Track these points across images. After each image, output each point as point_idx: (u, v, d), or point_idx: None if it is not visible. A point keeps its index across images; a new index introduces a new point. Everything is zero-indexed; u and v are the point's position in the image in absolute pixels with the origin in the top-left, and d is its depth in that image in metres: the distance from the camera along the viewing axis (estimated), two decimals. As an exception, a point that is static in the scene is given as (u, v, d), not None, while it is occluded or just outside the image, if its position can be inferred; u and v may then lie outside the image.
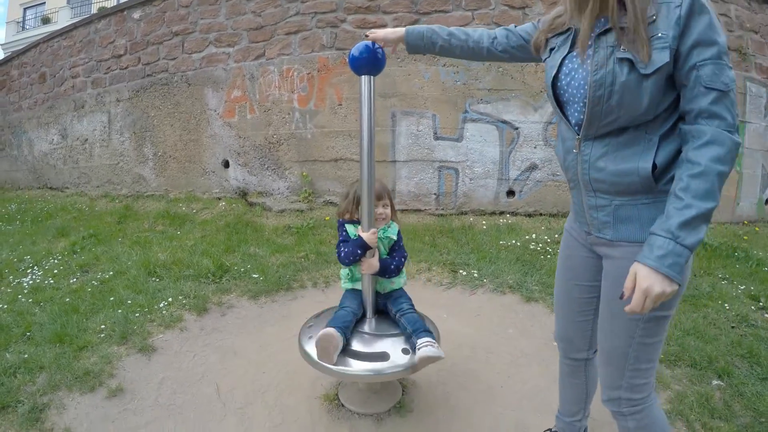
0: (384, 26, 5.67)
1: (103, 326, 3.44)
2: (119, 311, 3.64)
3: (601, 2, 1.38)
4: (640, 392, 1.61)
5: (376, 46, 2.20)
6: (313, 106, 6.01)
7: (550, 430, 2.35)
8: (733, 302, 3.83)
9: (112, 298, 3.86)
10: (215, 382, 2.93)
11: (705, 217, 1.33)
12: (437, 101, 5.68)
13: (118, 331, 3.36)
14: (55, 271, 4.59)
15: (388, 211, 2.54)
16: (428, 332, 2.37)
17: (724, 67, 1.31)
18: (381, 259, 2.50)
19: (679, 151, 1.41)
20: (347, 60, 2.32)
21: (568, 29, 1.57)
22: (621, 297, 1.39)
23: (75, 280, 4.36)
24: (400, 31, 2.03)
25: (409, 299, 2.59)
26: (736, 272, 4.46)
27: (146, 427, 2.58)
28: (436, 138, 5.72)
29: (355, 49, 2.25)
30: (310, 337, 2.47)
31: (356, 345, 2.39)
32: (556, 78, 1.55)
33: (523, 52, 1.83)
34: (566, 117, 1.55)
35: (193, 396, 2.81)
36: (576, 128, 1.52)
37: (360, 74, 2.29)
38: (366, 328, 2.49)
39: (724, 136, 1.32)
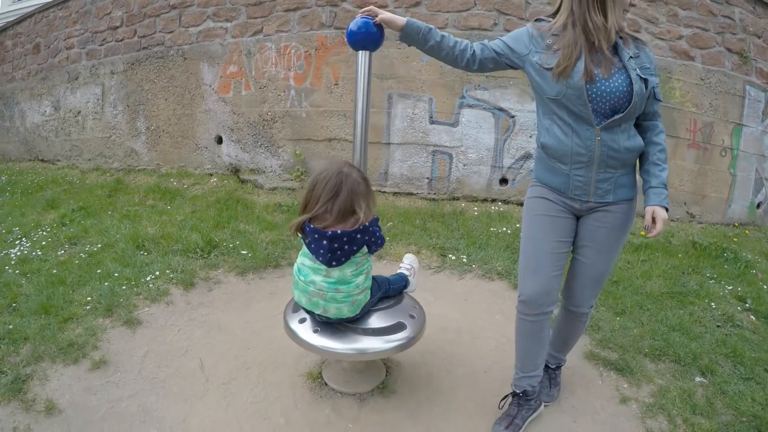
0: (385, 7, 5.61)
1: (89, 298, 3.44)
2: (106, 284, 3.63)
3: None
4: None
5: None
6: (309, 85, 5.96)
7: (512, 394, 2.52)
8: (720, 302, 3.86)
9: (99, 271, 3.85)
10: (199, 357, 2.94)
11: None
12: (434, 85, 5.64)
13: (103, 304, 3.36)
14: (44, 242, 4.56)
15: None
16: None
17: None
18: None
19: None
20: (345, 35, 2.31)
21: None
22: (647, 229, 2.11)
23: (63, 252, 4.34)
24: (403, 20, 2.20)
25: None
26: (725, 273, 4.47)
27: (128, 399, 2.59)
28: (432, 122, 5.69)
29: (354, 24, 2.24)
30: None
31: (374, 322, 2.43)
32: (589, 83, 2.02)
33: (491, 64, 2.24)
34: (589, 113, 2.03)
35: (176, 370, 2.82)
36: (599, 121, 2.04)
37: (357, 49, 2.29)
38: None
39: (662, 126, 2.20)
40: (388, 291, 2.54)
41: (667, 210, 2.10)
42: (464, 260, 4.29)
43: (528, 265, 2.27)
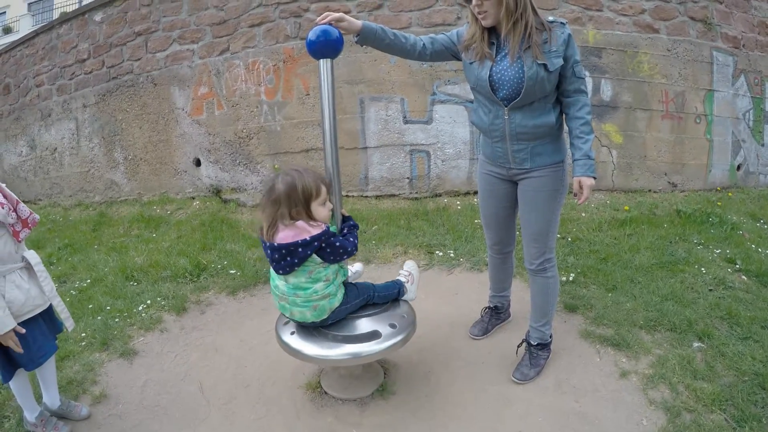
0: (348, 13, 5.61)
1: (83, 334, 3.42)
2: (99, 318, 3.63)
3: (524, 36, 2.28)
4: (552, 253, 2.69)
5: (333, 29, 2.26)
6: (281, 98, 5.98)
7: (487, 307, 3.26)
8: (710, 266, 3.89)
9: (90, 306, 3.84)
10: (198, 380, 2.94)
11: (592, 142, 2.41)
12: (405, 85, 5.67)
13: (98, 338, 3.35)
14: (32, 283, 4.53)
15: None
16: None
17: (582, 67, 2.41)
18: None
19: (561, 112, 2.49)
20: (305, 45, 2.33)
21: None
22: (575, 195, 2.44)
23: (53, 291, 4.31)
24: (359, 23, 2.34)
25: None
26: (711, 237, 4.51)
27: (132, 430, 2.59)
28: (406, 122, 5.72)
29: (312, 33, 2.26)
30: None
31: (345, 330, 2.41)
32: (490, 75, 2.39)
33: (442, 56, 2.60)
34: (497, 97, 2.40)
35: (176, 396, 2.83)
36: (505, 103, 2.40)
37: (318, 58, 2.30)
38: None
39: (587, 100, 2.44)
40: (372, 298, 2.49)
41: (594, 178, 2.44)
42: (452, 255, 4.32)
43: (484, 224, 2.95)
